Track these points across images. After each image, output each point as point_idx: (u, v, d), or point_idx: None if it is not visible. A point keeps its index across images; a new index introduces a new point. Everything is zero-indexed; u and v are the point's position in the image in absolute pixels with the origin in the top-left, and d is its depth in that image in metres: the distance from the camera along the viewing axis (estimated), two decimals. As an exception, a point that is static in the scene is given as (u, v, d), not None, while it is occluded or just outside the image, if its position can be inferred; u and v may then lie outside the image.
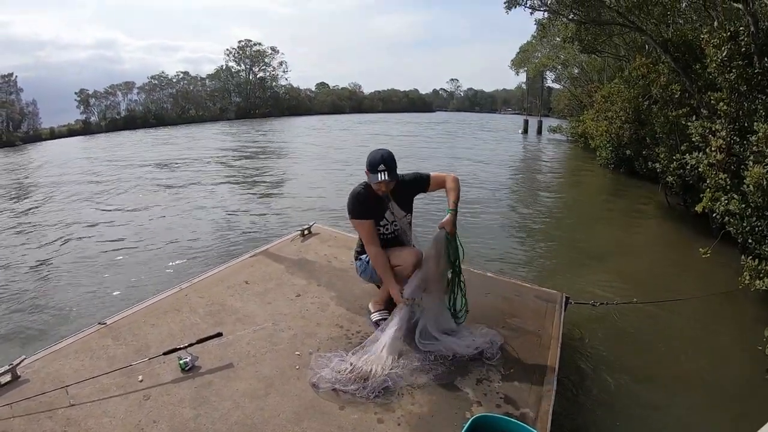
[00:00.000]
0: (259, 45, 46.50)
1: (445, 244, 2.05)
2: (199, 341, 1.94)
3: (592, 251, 5.16)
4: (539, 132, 24.76)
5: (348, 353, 1.93)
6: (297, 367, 1.88)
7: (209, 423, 1.56)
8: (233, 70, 46.04)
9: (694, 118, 4.96)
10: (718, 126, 4.26)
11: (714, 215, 4.53)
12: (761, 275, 3.03)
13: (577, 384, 2.58)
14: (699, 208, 4.20)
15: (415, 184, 2.22)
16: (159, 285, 3.68)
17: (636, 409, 2.43)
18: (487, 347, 2.02)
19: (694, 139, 4.65)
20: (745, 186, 3.53)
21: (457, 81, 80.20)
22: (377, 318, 2.24)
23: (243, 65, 46.38)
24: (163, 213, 6.99)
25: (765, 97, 3.90)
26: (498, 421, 1.50)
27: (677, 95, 5.37)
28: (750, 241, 3.79)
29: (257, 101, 45.11)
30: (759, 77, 3.98)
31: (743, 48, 4.05)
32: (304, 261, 3.04)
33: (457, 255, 2.10)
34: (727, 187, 3.96)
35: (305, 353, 1.98)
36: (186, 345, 1.89)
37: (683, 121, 5.12)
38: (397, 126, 30.27)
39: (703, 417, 2.43)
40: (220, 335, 2.01)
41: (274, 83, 48.04)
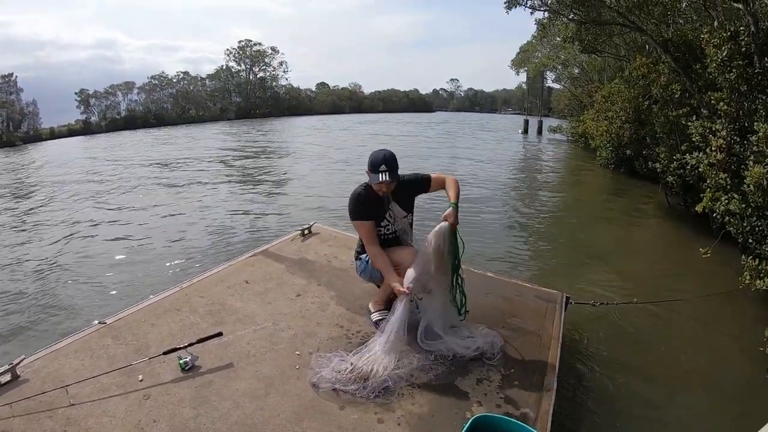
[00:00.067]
0: (259, 45, 46.64)
1: (449, 237, 2.04)
2: (199, 341, 1.94)
3: (592, 251, 5.16)
4: (539, 132, 24.75)
5: (348, 353, 1.93)
6: (297, 367, 1.88)
7: (209, 423, 1.56)
8: (233, 70, 46.10)
9: (694, 118, 4.96)
10: (718, 126, 4.26)
11: (714, 215, 4.53)
12: (761, 275, 3.03)
13: (577, 384, 2.58)
14: (699, 207, 4.20)
15: (416, 184, 2.22)
16: (159, 284, 3.68)
17: (636, 409, 2.43)
18: (488, 348, 2.02)
19: (694, 139, 4.65)
20: (746, 186, 3.53)
21: (458, 81, 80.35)
22: (377, 318, 2.24)
23: (243, 65, 46.46)
24: (164, 212, 6.99)
25: (765, 97, 3.89)
26: (498, 421, 1.50)
27: (677, 95, 5.36)
28: (750, 241, 3.78)
29: (257, 101, 45.08)
30: (759, 77, 3.98)
31: (743, 48, 4.05)
32: (304, 261, 3.04)
33: (458, 250, 2.09)
34: (728, 187, 3.96)
35: (305, 353, 1.98)
36: (186, 345, 1.89)
37: (683, 121, 5.11)
38: (398, 126, 30.25)
39: (703, 417, 2.43)
40: (220, 335, 2.01)
41: (274, 83, 48.04)
